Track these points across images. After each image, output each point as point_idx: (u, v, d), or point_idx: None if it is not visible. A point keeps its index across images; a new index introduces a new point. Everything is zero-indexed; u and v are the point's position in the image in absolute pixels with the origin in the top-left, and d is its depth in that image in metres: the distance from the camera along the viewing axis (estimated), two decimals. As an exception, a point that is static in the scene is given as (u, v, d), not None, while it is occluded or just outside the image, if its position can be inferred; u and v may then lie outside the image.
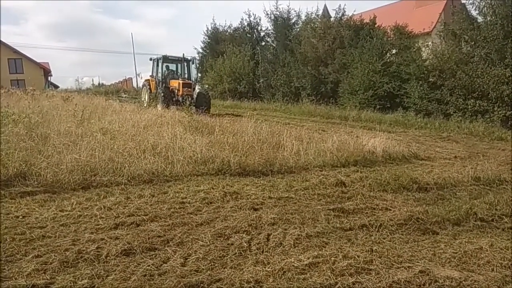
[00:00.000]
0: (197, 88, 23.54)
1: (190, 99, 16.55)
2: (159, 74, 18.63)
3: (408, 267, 3.44)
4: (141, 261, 3.43)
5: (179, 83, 17.43)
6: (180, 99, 16.72)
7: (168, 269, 3.31)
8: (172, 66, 19.44)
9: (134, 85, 37.81)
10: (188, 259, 3.49)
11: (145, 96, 19.44)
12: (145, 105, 18.10)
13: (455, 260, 3.63)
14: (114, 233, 3.99)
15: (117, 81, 42.33)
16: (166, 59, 18.77)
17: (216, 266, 3.40)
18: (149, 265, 3.35)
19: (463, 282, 3.19)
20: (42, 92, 20.45)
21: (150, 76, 19.30)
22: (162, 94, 17.08)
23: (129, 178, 5.78)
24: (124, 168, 5.96)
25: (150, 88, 18.83)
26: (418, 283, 3.16)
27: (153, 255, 3.55)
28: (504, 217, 5.00)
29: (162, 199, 5.12)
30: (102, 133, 7.91)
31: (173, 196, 5.24)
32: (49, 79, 46.45)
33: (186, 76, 18.84)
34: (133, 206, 4.78)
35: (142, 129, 8.75)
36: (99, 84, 38.50)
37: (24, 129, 7.54)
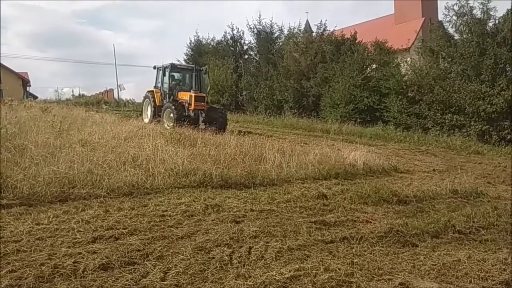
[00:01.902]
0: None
1: (203, 115, 14.47)
2: (165, 85, 16.04)
3: (389, 279, 3.46)
4: (119, 275, 3.35)
5: (190, 96, 14.64)
6: (192, 114, 14.31)
7: (147, 284, 3.23)
8: (180, 76, 17.01)
9: (116, 96, 37.39)
10: (168, 274, 3.42)
11: (147, 111, 16.57)
12: (146, 121, 15.80)
13: (434, 272, 3.67)
14: (92, 247, 3.88)
15: (98, 92, 41.84)
16: (174, 67, 16.35)
17: (196, 281, 3.35)
18: (127, 280, 3.27)
19: (442, 294, 3.23)
20: (20, 102, 19.98)
21: (154, 87, 16.50)
22: (174, 109, 14.37)
23: (108, 191, 5.66)
24: (104, 180, 5.85)
25: (154, 101, 15.84)
26: (398, 296, 3.18)
27: (132, 270, 3.47)
28: (481, 229, 5.10)
29: (142, 212, 5.03)
30: (82, 144, 7.77)
31: (154, 209, 5.15)
32: (27, 89, 45.53)
33: (196, 87, 15.93)
34: (112, 219, 4.67)
35: (122, 140, 8.62)
36: (79, 95, 37.99)
37: (0, 140, 7.35)
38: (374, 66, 21.17)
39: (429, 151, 13.10)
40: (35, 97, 43.02)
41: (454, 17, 17.92)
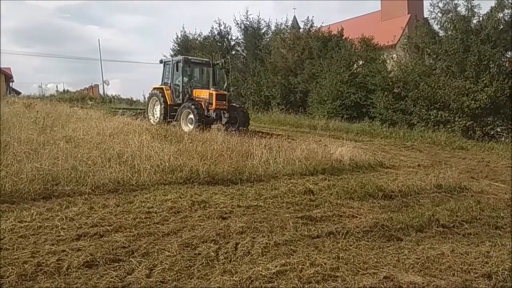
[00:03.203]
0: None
1: (226, 115, 13.03)
2: (177, 82, 14.27)
3: (373, 273, 3.49)
4: (104, 273, 3.32)
5: (211, 94, 13.12)
6: (214, 115, 12.96)
7: (133, 281, 3.21)
8: (194, 71, 15.13)
9: (101, 92, 36.91)
10: (154, 270, 3.40)
11: (155, 111, 14.80)
12: (153, 121, 14.16)
13: (418, 265, 3.72)
14: (76, 245, 3.84)
15: (83, 88, 41.22)
16: (187, 61, 14.30)
17: (182, 277, 3.33)
18: (112, 277, 3.24)
19: (426, 287, 3.27)
20: (2, 98, 19.59)
21: (164, 84, 14.58)
22: (195, 109, 12.74)
23: (93, 188, 5.60)
24: (88, 177, 5.78)
25: (165, 100, 13.99)
26: (383, 289, 3.21)
27: (117, 267, 3.44)
28: (464, 223, 5.19)
29: (128, 208, 4.98)
30: (66, 141, 7.66)
31: (139, 205, 5.11)
32: (10, 85, 44.60)
33: (212, 84, 14.22)
34: (96, 216, 4.63)
35: (107, 137, 8.52)
36: (64, 90, 37.36)
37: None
38: (360, 62, 21.30)
39: (414, 146, 13.25)
40: (18, 93, 42.18)
41: (439, 14, 18.16)
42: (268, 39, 28.61)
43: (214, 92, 13.11)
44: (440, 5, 18.00)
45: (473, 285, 3.36)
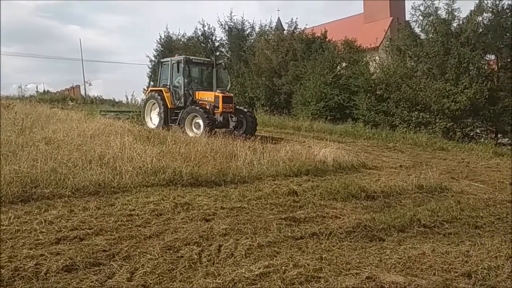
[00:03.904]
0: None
1: (234, 119, 12.30)
2: (177, 83, 13.31)
3: (356, 273, 3.51)
4: (84, 277, 3.26)
5: (216, 96, 12.24)
6: (221, 119, 12.03)
7: (113, 285, 3.16)
8: (194, 72, 14.12)
9: (82, 92, 36.27)
10: (135, 274, 3.35)
11: (151, 114, 13.85)
12: (151, 125, 13.27)
13: (399, 265, 3.76)
14: (56, 248, 3.75)
15: (63, 89, 40.44)
16: (189, 62, 13.31)
17: (164, 280, 3.29)
18: (92, 281, 3.18)
19: (407, 286, 3.31)
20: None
21: (163, 85, 13.47)
22: (204, 113, 11.75)
23: (73, 190, 5.48)
24: (68, 180, 5.66)
25: (165, 103, 12.97)
26: (365, 289, 3.23)
27: (98, 271, 3.38)
28: (445, 223, 5.28)
29: (109, 211, 4.90)
30: (45, 142, 7.50)
31: (121, 208, 5.03)
32: (-12, 85, 43.51)
33: (216, 86, 13.48)
34: (76, 219, 4.53)
35: (88, 138, 8.38)
36: (44, 91, 36.56)
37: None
38: (344, 64, 21.50)
39: (396, 147, 13.43)
40: (-4, 94, 41.14)
41: (420, 17, 18.49)
42: (252, 41, 28.62)
43: (220, 94, 12.23)
44: (421, 8, 18.35)
45: (453, 284, 3.40)
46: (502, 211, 6.09)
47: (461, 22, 17.66)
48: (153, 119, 13.73)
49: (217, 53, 30.41)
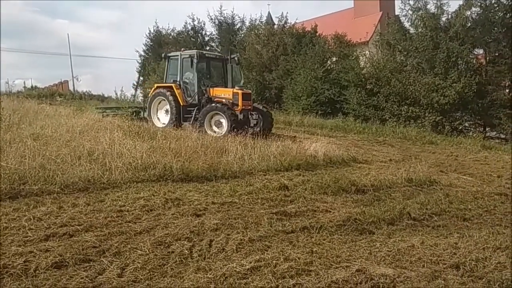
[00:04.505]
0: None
1: (255, 116, 11.93)
2: (188, 79, 12.54)
3: (346, 266, 3.55)
4: (74, 273, 3.24)
5: (235, 93, 11.50)
6: (241, 116, 11.44)
7: (104, 281, 3.15)
8: (206, 67, 13.30)
9: (71, 88, 35.85)
10: (126, 270, 3.35)
11: (157, 112, 12.91)
12: (159, 124, 12.38)
13: (389, 258, 3.80)
14: (45, 245, 3.73)
15: (52, 84, 39.92)
16: (202, 57, 12.56)
17: (155, 276, 3.29)
18: (82, 278, 3.17)
19: (397, 278, 3.35)
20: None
21: (174, 82, 12.51)
22: (227, 110, 11.08)
23: (62, 187, 5.43)
24: (57, 176, 5.60)
25: (176, 101, 12.10)
26: (355, 282, 3.26)
27: (88, 267, 3.37)
28: (434, 215, 5.34)
29: (98, 207, 4.86)
30: (33, 138, 7.40)
31: (111, 204, 5.00)
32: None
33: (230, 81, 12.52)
34: (66, 216, 4.50)
35: (77, 134, 8.29)
36: (32, 87, 36.06)
37: None
38: (334, 59, 21.55)
39: (386, 141, 13.52)
40: (-17, 90, 40.48)
41: (410, 12, 18.59)
42: (242, 35, 28.55)
43: (239, 91, 11.50)
44: (411, 2, 18.46)
45: (442, 276, 3.45)
46: (490, 204, 6.18)
47: (450, 16, 17.81)
48: (161, 117, 12.78)
49: (207, 48, 30.30)
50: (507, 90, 17.25)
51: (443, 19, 17.88)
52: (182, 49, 13.77)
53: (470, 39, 17.01)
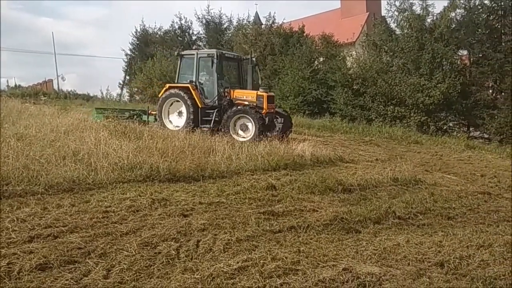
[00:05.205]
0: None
1: (280, 120, 11.37)
2: (202, 80, 11.86)
3: (333, 265, 3.57)
4: (58, 275, 3.19)
5: (260, 96, 10.92)
6: (267, 120, 10.83)
7: (89, 283, 3.11)
8: (225, 68, 12.71)
9: (55, 87, 35.30)
10: (111, 271, 3.31)
11: (173, 116, 11.90)
12: (171, 127, 11.53)
13: (375, 256, 3.84)
14: (29, 247, 3.66)
15: (36, 83, 39.25)
16: (222, 57, 11.80)
17: (141, 277, 3.26)
18: (67, 280, 3.13)
19: (383, 277, 3.38)
20: None
21: (190, 82, 11.56)
22: (255, 113, 10.54)
23: (46, 187, 5.34)
24: (41, 176, 5.51)
25: (194, 103, 11.27)
26: (342, 280, 3.29)
27: (73, 269, 3.32)
28: (419, 214, 5.42)
29: (84, 208, 4.80)
30: (17, 138, 7.27)
31: (96, 205, 4.94)
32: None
33: (251, 84, 11.86)
34: (50, 217, 4.43)
35: (62, 134, 8.16)
36: (15, 85, 35.38)
37: None
38: (321, 59, 21.66)
39: (372, 141, 13.64)
40: (-36, 88, 39.56)
41: (396, 13, 18.83)
42: (230, 35, 28.51)
43: (264, 94, 10.97)
44: (397, 3, 18.68)
45: (427, 274, 3.50)
46: (474, 202, 6.30)
47: (435, 18, 18.08)
48: (174, 120, 11.86)
49: (194, 47, 30.16)
50: (490, 91, 17.60)
51: (428, 20, 18.16)
52: (194, 47, 13.24)
53: (454, 40, 17.30)
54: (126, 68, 33.85)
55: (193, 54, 11.95)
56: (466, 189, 7.23)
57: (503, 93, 16.78)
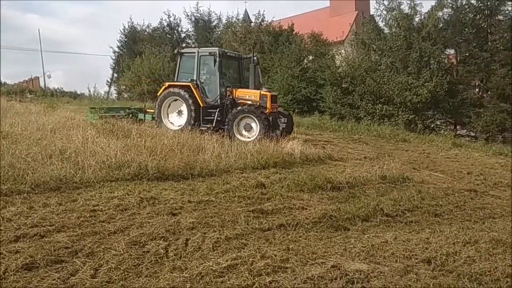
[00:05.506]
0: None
1: (283, 120, 11.19)
2: (208, 79, 11.70)
3: (322, 263, 3.58)
4: (45, 275, 3.15)
5: (263, 95, 10.86)
6: (270, 119, 10.59)
7: (76, 282, 3.08)
8: (225, 67, 12.34)
9: (42, 84, 34.82)
10: (99, 270, 3.27)
11: (172, 115, 11.66)
12: (172, 127, 11.27)
13: (363, 253, 3.87)
14: (14, 247, 3.60)
15: (22, 81, 38.66)
16: (224, 55, 11.60)
17: (130, 276, 3.23)
18: (54, 279, 3.09)
19: (371, 274, 3.41)
20: None
21: (191, 80, 11.36)
22: (260, 113, 10.42)
23: (32, 186, 5.25)
24: (27, 175, 5.42)
25: (195, 102, 11.03)
26: (331, 278, 3.30)
27: (60, 268, 3.28)
28: (406, 212, 5.48)
29: (71, 207, 4.74)
30: (2, 137, 7.16)
31: (83, 204, 4.88)
32: None
33: (253, 83, 11.66)
34: (37, 216, 4.36)
35: (48, 132, 8.04)
36: (1, 83, 34.80)
37: None
38: (310, 57, 21.72)
39: (361, 139, 13.73)
40: None
41: (384, 12, 19.01)
42: (219, 32, 28.43)
43: (268, 93, 10.92)
44: (385, 3, 18.83)
45: (414, 270, 3.54)
46: (460, 200, 6.39)
47: (422, 17, 18.30)
48: (174, 119, 11.61)
49: (183, 45, 30.00)
50: (476, 90, 17.87)
51: (416, 19, 18.36)
52: (194, 45, 12.85)
53: (441, 40, 17.51)
54: (114, 65, 33.54)
55: (194, 52, 11.68)
56: (452, 186, 7.33)
57: (489, 92, 17.05)
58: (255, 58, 11.80)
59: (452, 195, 6.62)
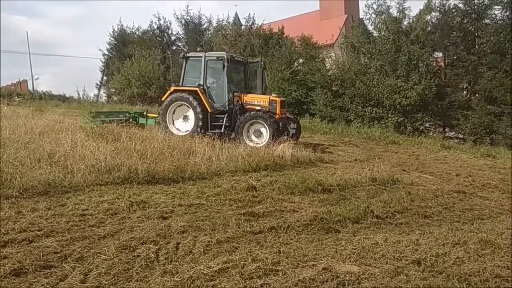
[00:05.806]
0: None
1: (293, 125, 11.23)
2: (215, 83, 11.62)
3: (313, 265, 3.60)
4: (34, 280, 3.12)
5: (273, 101, 10.81)
6: (280, 125, 10.48)
7: (66, 287, 3.04)
8: (233, 72, 12.22)
9: (30, 87, 34.38)
10: (89, 275, 3.25)
11: (178, 120, 11.44)
12: (176, 131, 11.08)
13: (354, 255, 3.89)
14: (2, 252, 3.56)
15: (9, 84, 38.14)
16: (232, 60, 11.47)
17: (120, 280, 3.21)
18: (43, 285, 3.06)
19: (361, 275, 3.43)
20: None
21: (199, 85, 11.13)
22: (269, 117, 10.29)
23: (21, 190, 5.19)
24: (15, 179, 5.35)
25: (203, 107, 10.86)
26: (322, 280, 3.31)
27: (49, 273, 3.25)
28: (396, 213, 5.52)
29: (60, 212, 4.69)
30: (-11, 141, 7.06)
31: (73, 208, 4.84)
32: None
33: (260, 87, 11.51)
34: (25, 221, 4.31)
35: (37, 136, 7.96)
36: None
37: None
38: (301, 60, 21.79)
39: (351, 142, 13.82)
40: None
41: (373, 15, 19.12)
42: (209, 35, 28.39)
43: (277, 99, 10.86)
44: (374, 6, 18.97)
45: (404, 272, 3.56)
46: (449, 201, 6.45)
47: (411, 20, 18.44)
48: (179, 124, 11.41)
49: (174, 48, 29.93)
50: (464, 92, 18.07)
51: (405, 23, 18.50)
52: (198, 49, 12.57)
53: (430, 43, 17.69)
54: (103, 68, 33.26)
55: (201, 57, 11.46)
56: (442, 188, 7.40)
57: (477, 94, 17.25)
58: (263, 62, 11.61)
59: (441, 197, 6.69)
